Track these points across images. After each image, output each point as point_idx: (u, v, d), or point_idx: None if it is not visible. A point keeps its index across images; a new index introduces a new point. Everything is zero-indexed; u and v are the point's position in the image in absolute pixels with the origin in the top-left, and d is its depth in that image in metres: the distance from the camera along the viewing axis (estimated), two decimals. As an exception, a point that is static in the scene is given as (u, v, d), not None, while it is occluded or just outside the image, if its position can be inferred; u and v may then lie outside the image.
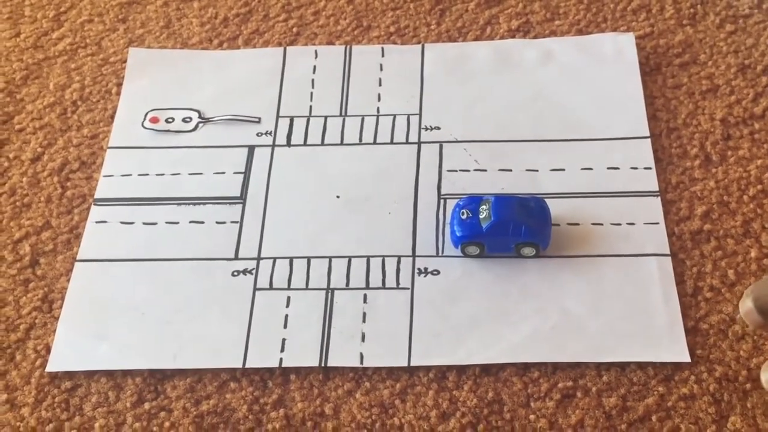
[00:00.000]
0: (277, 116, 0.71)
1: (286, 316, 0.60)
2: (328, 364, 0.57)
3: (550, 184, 0.65)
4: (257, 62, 0.74)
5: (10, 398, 0.57)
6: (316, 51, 0.75)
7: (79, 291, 0.62)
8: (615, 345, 0.57)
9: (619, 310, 0.59)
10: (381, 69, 0.73)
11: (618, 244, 0.62)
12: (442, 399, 0.56)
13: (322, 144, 0.69)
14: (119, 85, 0.73)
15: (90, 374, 0.58)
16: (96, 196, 0.66)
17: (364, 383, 0.57)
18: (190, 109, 0.71)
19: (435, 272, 0.61)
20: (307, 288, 0.61)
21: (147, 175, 0.68)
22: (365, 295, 0.60)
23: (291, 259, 0.62)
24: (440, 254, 0.62)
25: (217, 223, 0.65)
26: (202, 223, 0.65)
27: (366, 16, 0.77)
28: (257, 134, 0.69)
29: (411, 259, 0.62)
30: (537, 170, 0.66)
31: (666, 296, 0.59)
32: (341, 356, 0.58)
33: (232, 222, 0.65)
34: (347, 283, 0.61)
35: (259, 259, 0.63)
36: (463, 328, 0.58)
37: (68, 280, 0.62)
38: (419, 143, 0.68)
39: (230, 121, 0.70)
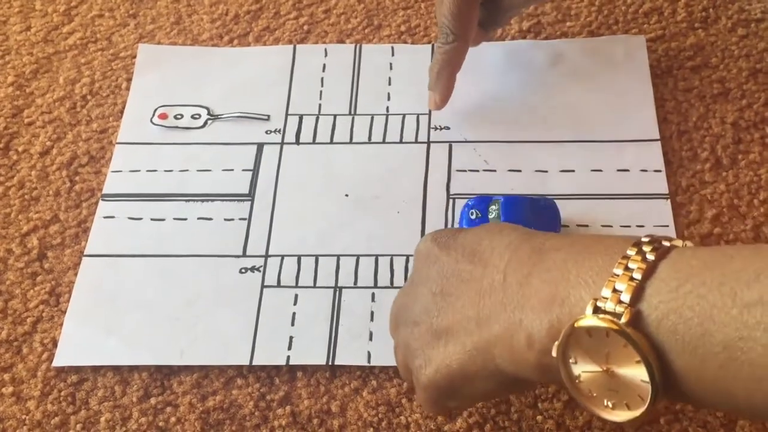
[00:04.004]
0: (287, 114, 0.70)
1: (294, 313, 0.60)
2: (336, 363, 0.57)
3: (560, 186, 0.65)
4: (267, 60, 0.74)
5: (16, 391, 0.57)
6: (326, 49, 0.74)
7: (87, 286, 0.62)
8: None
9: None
10: (391, 68, 0.73)
11: (627, 246, 0.61)
12: (449, 399, 0.56)
13: (331, 142, 0.69)
14: (129, 80, 0.73)
15: (96, 368, 0.58)
16: (104, 192, 0.66)
17: (371, 382, 0.57)
18: (200, 106, 0.71)
19: (443, 272, 0.61)
20: (315, 286, 0.61)
21: (155, 171, 0.67)
22: (373, 294, 0.60)
23: (299, 256, 0.62)
24: (449, 254, 0.62)
25: (226, 220, 0.65)
26: (211, 219, 0.65)
27: (377, 15, 0.77)
28: (266, 132, 0.69)
29: (419, 258, 0.62)
30: (547, 171, 0.66)
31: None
32: (348, 355, 0.58)
33: (241, 219, 0.64)
34: (355, 282, 0.61)
35: (267, 256, 0.62)
36: (471, 328, 0.58)
37: (76, 275, 0.62)
38: (428, 143, 0.68)
39: (239, 119, 0.70)
